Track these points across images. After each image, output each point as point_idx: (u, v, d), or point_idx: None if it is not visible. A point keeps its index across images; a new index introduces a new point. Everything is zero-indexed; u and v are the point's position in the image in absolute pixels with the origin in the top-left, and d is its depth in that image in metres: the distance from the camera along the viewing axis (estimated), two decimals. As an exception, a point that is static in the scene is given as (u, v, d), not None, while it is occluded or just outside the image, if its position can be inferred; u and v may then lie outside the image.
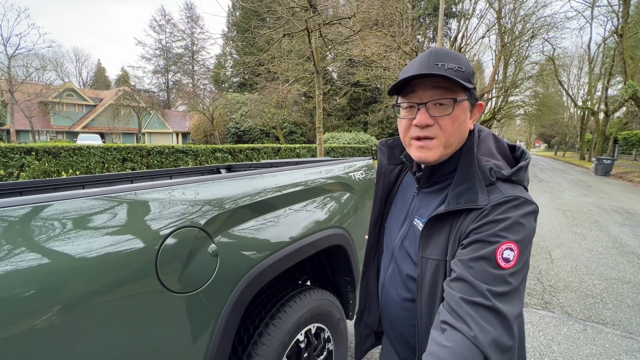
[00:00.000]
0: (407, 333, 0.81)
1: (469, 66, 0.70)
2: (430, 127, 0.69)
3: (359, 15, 9.72)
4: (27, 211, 0.78)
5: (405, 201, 0.87)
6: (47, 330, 0.68)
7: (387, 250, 0.90)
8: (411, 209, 0.83)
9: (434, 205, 0.75)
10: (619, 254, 4.16)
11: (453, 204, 0.67)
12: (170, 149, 11.07)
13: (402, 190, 0.91)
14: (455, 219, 0.67)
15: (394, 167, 0.93)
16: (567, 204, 7.60)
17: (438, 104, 0.68)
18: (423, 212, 0.78)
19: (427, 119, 0.69)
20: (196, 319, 0.94)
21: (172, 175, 2.56)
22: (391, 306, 0.84)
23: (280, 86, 14.63)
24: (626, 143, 24.03)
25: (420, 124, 0.69)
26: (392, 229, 0.88)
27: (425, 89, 0.69)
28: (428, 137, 0.70)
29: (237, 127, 27.73)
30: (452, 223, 0.68)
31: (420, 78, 0.68)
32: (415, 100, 0.70)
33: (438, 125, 0.69)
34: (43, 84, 25.48)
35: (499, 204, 0.63)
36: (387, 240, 0.91)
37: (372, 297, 1.00)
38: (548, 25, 22.32)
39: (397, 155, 0.91)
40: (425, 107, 0.69)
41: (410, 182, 0.88)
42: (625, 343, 2.31)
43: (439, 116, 0.68)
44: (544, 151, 59.57)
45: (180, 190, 1.09)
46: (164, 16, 46.18)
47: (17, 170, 7.77)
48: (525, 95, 30.00)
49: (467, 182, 0.68)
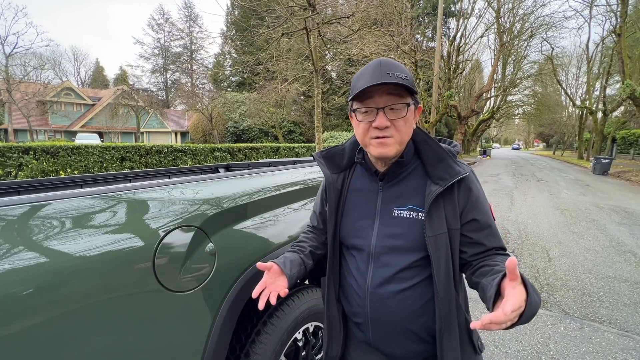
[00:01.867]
0: (409, 322, 0.83)
1: (411, 75, 0.81)
2: (388, 129, 0.80)
3: (358, 14, 9.72)
4: (25, 210, 0.79)
5: (367, 201, 0.90)
6: (44, 328, 0.68)
7: (359, 255, 0.89)
8: (379, 206, 0.87)
9: (409, 193, 0.85)
10: (616, 253, 4.18)
11: (444, 182, 0.80)
12: (168, 148, 11.05)
13: (354, 194, 0.93)
14: (445, 192, 0.81)
15: (337, 176, 0.96)
16: (565, 203, 7.62)
17: (392, 108, 0.79)
18: (401, 202, 0.85)
19: (385, 122, 0.79)
20: (194, 318, 0.94)
21: (171, 175, 2.56)
22: (385, 306, 0.83)
23: (279, 85, 14.62)
24: (624, 142, 24.11)
25: (380, 126, 0.79)
26: (359, 232, 0.88)
27: (380, 96, 0.79)
28: (386, 136, 0.80)
29: (236, 126, 27.71)
30: (442, 197, 0.81)
31: (377, 86, 0.77)
32: (372, 105, 0.80)
33: (394, 126, 0.80)
34: (41, 83, 25.39)
35: (472, 171, 0.84)
36: (354, 245, 0.90)
37: (335, 322, 0.98)
38: (547, 24, 22.39)
39: (336, 163, 0.97)
40: (382, 111, 0.79)
41: (363, 183, 0.93)
42: (622, 341, 2.32)
43: (395, 119, 0.79)
44: (542, 150, 59.72)
45: (178, 190, 1.09)
46: (162, 15, 46.14)
47: (15, 169, 7.75)
48: (523, 94, 30.11)
49: (442, 161, 0.83)
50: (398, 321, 0.83)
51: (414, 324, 0.83)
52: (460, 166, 0.82)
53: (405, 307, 0.82)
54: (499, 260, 0.78)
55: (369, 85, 0.75)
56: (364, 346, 0.95)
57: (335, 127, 28.33)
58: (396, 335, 0.85)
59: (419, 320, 0.83)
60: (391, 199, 0.86)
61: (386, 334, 0.86)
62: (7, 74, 21.35)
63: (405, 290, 0.82)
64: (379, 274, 0.84)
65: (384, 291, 0.83)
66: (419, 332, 0.84)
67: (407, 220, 0.83)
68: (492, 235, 0.83)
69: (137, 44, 60.22)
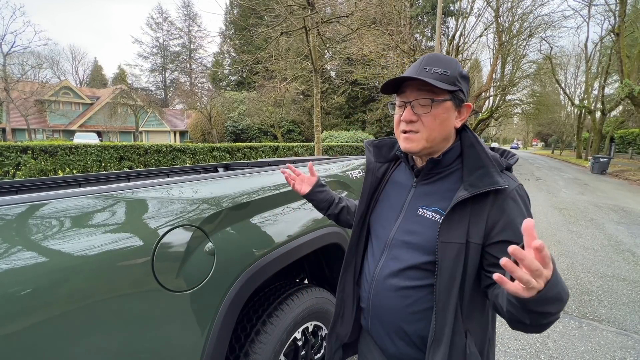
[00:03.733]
0: (404, 321, 0.82)
1: (456, 70, 0.79)
2: (414, 123, 0.79)
3: (357, 13, 9.70)
4: (23, 210, 0.78)
5: (399, 194, 0.91)
6: (43, 328, 0.68)
7: (377, 242, 0.91)
8: (407, 201, 0.88)
9: (439, 195, 0.82)
10: (614, 252, 4.19)
11: (473, 189, 0.74)
12: (167, 147, 11.02)
13: (391, 185, 0.96)
14: (475, 202, 0.75)
15: (380, 165, 0.99)
16: (563, 202, 7.64)
17: (420, 103, 0.78)
18: (429, 201, 0.83)
19: (410, 115, 0.79)
20: (193, 317, 0.94)
21: (170, 174, 2.56)
22: (385, 298, 0.84)
23: (278, 84, 14.60)
24: (622, 142, 24.17)
25: (405, 119, 0.80)
26: (384, 221, 0.90)
27: (412, 90, 0.79)
28: (412, 131, 0.80)
29: (235, 125, 27.66)
30: (471, 207, 0.75)
31: (409, 80, 0.78)
32: (403, 99, 0.81)
33: (421, 121, 0.79)
34: (39, 82, 25.25)
35: (520, 189, 0.77)
36: (377, 232, 0.92)
37: (348, 302, 0.98)
38: (545, 24, 22.37)
39: (383, 153, 1.00)
40: (410, 105, 0.79)
41: (402, 177, 0.94)
42: (620, 340, 2.33)
43: (422, 114, 0.78)
44: (541, 150, 59.80)
45: (177, 189, 1.09)
46: (161, 14, 45.95)
47: (13, 169, 7.72)
48: (522, 94, 30.09)
49: (482, 169, 0.76)
50: (393, 316, 0.83)
51: (409, 325, 0.82)
52: (503, 178, 0.75)
53: (403, 305, 0.81)
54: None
55: (399, 78, 0.78)
56: (370, 341, 0.95)
57: (335, 126, 28.32)
58: (389, 331, 0.85)
59: (414, 325, 0.81)
60: (420, 197, 0.86)
61: (381, 325, 0.87)
62: (5, 73, 21.26)
63: (408, 288, 0.81)
64: (388, 265, 0.85)
65: (388, 283, 0.84)
66: (412, 336, 0.82)
67: (428, 220, 0.82)
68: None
69: (136, 43, 59.96)
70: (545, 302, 0.52)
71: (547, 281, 0.51)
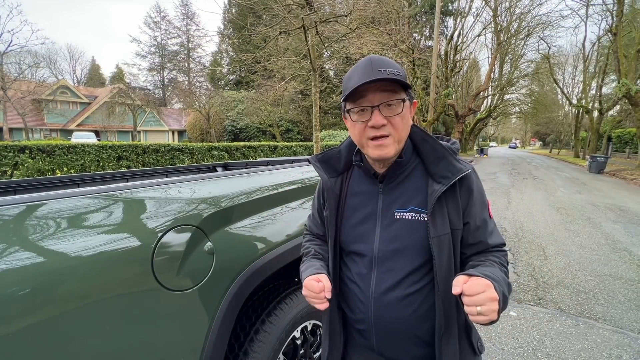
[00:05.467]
0: (413, 327, 0.81)
1: (403, 70, 0.79)
2: (384, 127, 0.77)
3: (356, 12, 9.70)
4: (21, 210, 0.78)
5: (366, 204, 0.86)
6: (41, 329, 0.68)
7: (361, 260, 0.85)
8: (379, 209, 0.84)
9: (410, 194, 0.82)
10: (611, 251, 4.22)
11: (446, 180, 0.78)
12: (166, 147, 11.01)
13: (353, 197, 0.90)
14: (447, 191, 0.78)
15: (335, 180, 0.92)
16: (561, 201, 7.67)
17: (387, 105, 0.76)
18: (401, 203, 0.82)
19: (382, 119, 0.76)
20: (193, 317, 0.94)
21: (168, 174, 2.55)
22: (389, 312, 0.81)
23: (277, 84, 14.59)
24: (620, 141, 24.31)
25: (377, 124, 0.76)
26: (360, 237, 0.85)
27: (374, 93, 0.76)
28: (384, 136, 0.77)
29: (234, 125, 27.61)
30: (444, 197, 0.78)
31: (370, 83, 0.74)
32: (367, 104, 0.77)
33: (390, 124, 0.77)
34: (36, 81, 25.12)
35: (474, 170, 0.83)
36: (356, 250, 0.86)
37: (335, 330, 0.93)
38: (543, 23, 22.45)
39: (333, 167, 0.93)
40: (378, 109, 0.76)
41: (361, 186, 0.89)
42: (617, 337, 2.35)
43: (391, 116, 0.76)
44: (539, 149, 60.00)
45: (176, 189, 1.09)
46: (159, 13, 45.80)
47: (10, 168, 7.69)
48: (520, 93, 30.23)
49: (443, 159, 0.80)
50: (404, 327, 0.81)
51: (420, 328, 0.81)
52: (462, 163, 0.80)
53: (410, 312, 0.80)
54: (490, 258, 0.79)
55: (363, 83, 0.72)
56: (365, 351, 0.92)
57: (333, 125, 28.32)
58: (402, 341, 0.82)
59: (424, 325, 0.81)
60: (392, 200, 0.83)
61: (391, 340, 0.83)
62: (1, 72, 21.13)
63: (410, 295, 0.80)
64: (384, 279, 0.81)
65: (388, 297, 0.80)
66: (424, 336, 0.82)
67: (409, 222, 0.80)
68: (491, 233, 0.82)
69: (134, 42, 59.78)
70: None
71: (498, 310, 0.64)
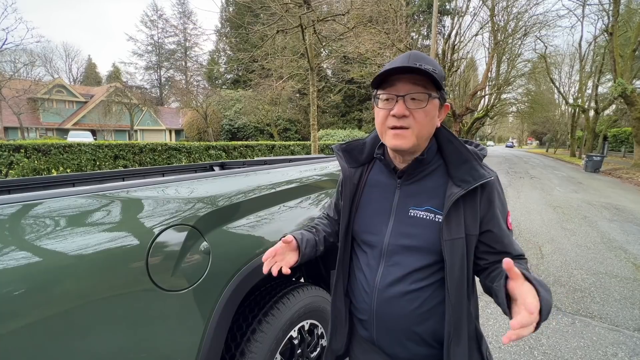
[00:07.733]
0: (414, 324, 0.81)
1: (441, 71, 0.78)
2: (405, 118, 0.76)
3: (353, 12, 9.70)
4: (16, 209, 0.77)
5: (383, 197, 0.87)
6: (37, 328, 0.67)
7: (371, 251, 0.87)
8: (395, 203, 0.85)
9: (428, 193, 0.82)
10: (607, 249, 4.25)
11: (466, 184, 0.76)
12: (163, 146, 10.95)
13: (370, 189, 0.91)
14: (467, 196, 0.77)
15: (355, 170, 0.94)
16: (557, 200, 7.72)
17: (413, 98, 0.76)
18: (418, 201, 0.82)
19: (404, 110, 0.76)
20: (188, 317, 0.94)
21: (165, 173, 2.54)
22: (391, 306, 0.82)
23: (275, 83, 14.57)
24: (615, 140, 24.47)
25: (398, 114, 0.76)
26: (373, 228, 0.87)
27: (404, 84, 0.76)
28: (403, 127, 0.77)
29: (231, 124, 27.53)
30: (463, 201, 0.77)
31: (402, 73, 0.75)
32: (394, 92, 0.77)
33: (413, 117, 0.76)
34: (32, 79, 24.92)
35: (497, 178, 0.80)
36: (367, 241, 0.88)
37: (341, 316, 0.96)
38: (540, 23, 22.51)
39: (355, 157, 0.95)
40: (403, 99, 0.76)
41: (380, 179, 0.90)
42: (612, 335, 2.36)
43: (414, 109, 0.76)
44: (536, 148, 60.30)
45: (172, 188, 1.09)
46: (155, 11, 45.47)
47: (5, 168, 7.62)
48: (517, 92, 30.32)
49: (466, 163, 0.79)
50: (403, 322, 0.81)
51: (420, 326, 0.81)
52: (486, 170, 0.78)
53: (412, 308, 0.80)
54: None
55: (391, 69, 0.73)
56: (367, 344, 0.93)
57: (331, 124, 28.32)
58: (400, 336, 0.83)
59: (425, 324, 0.81)
60: (408, 197, 0.84)
61: (390, 334, 0.84)
62: (-4, 70, 20.94)
63: (414, 291, 0.80)
64: (390, 272, 0.82)
65: (392, 290, 0.81)
66: (424, 335, 0.82)
67: (423, 221, 0.80)
68: (512, 243, 0.81)
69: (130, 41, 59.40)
70: (543, 319, 0.59)
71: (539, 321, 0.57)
